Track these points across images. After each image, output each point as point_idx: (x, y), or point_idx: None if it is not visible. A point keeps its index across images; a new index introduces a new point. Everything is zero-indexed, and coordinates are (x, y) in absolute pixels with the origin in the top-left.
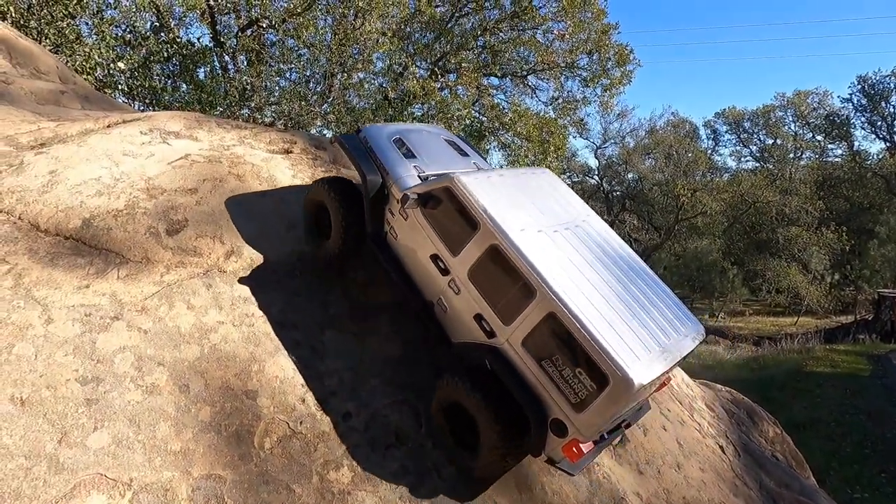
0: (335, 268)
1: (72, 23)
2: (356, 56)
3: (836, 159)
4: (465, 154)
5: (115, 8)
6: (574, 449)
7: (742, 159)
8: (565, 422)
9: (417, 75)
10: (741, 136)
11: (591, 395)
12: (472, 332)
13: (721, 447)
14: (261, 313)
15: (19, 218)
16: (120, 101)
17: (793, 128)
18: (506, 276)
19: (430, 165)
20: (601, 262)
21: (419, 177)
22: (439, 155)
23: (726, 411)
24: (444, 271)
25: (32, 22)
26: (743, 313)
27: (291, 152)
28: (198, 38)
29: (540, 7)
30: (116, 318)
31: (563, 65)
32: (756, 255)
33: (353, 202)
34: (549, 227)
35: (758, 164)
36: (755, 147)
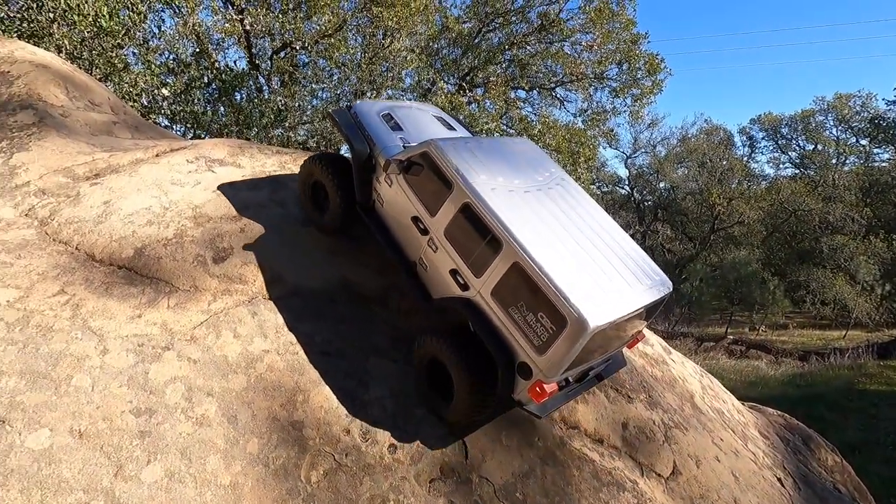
0: (337, 233)
1: (120, 52)
2: (385, 73)
3: (883, 164)
4: (451, 129)
5: (159, 38)
6: (538, 389)
7: (781, 166)
8: (530, 364)
9: (445, 90)
10: (779, 142)
11: (551, 337)
12: (448, 286)
13: (779, 479)
14: (305, 341)
15: (76, 248)
16: (163, 124)
17: (834, 132)
18: (477, 231)
19: (415, 138)
20: (568, 219)
21: (404, 147)
22: (426, 128)
23: (781, 438)
24: (424, 231)
25: (85, 53)
26: (786, 326)
27: None
28: (234, 62)
29: (567, 20)
30: (167, 349)
31: (591, 76)
32: (798, 265)
33: (345, 175)
34: (521, 188)
35: (798, 171)
36: (794, 153)
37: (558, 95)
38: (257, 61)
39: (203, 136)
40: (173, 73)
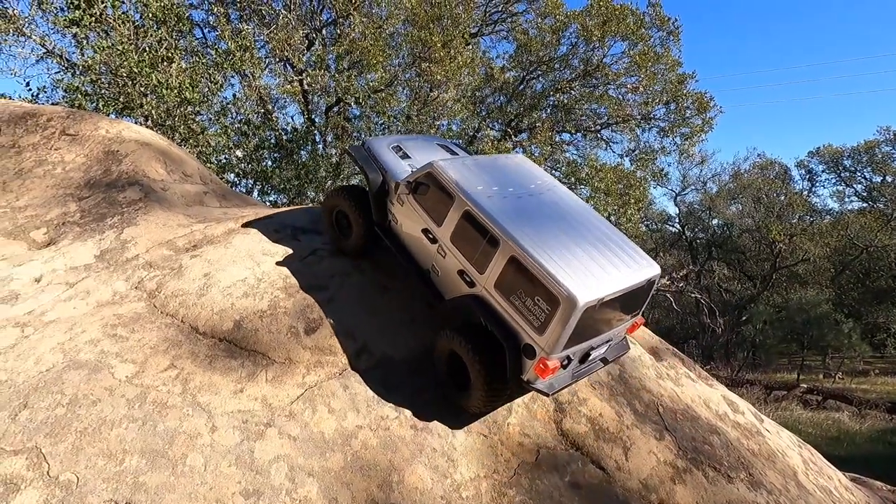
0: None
1: (198, 118)
2: (433, 123)
3: None
4: (453, 153)
5: (231, 103)
6: (542, 366)
7: (846, 200)
8: (532, 344)
9: (491, 136)
10: (842, 174)
11: (548, 317)
12: (457, 286)
13: None
14: (395, 415)
15: (182, 321)
16: (230, 177)
17: None
18: (477, 233)
19: (421, 163)
20: (559, 217)
21: (412, 172)
22: (430, 154)
23: None
24: (433, 240)
25: (168, 121)
26: (866, 373)
27: None
28: (291, 117)
29: (611, 64)
30: (269, 425)
31: (638, 117)
32: (875, 305)
33: (363, 202)
34: (514, 194)
35: (866, 205)
36: (861, 186)
37: (604, 137)
38: (313, 117)
39: (269, 190)
40: (245, 136)
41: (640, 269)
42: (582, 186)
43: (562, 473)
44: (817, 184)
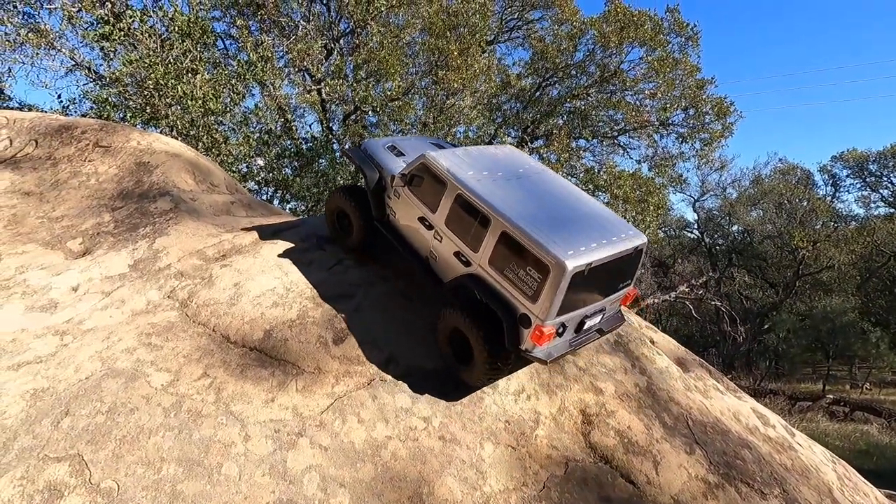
0: (360, 250)
1: (221, 128)
2: (449, 130)
3: None
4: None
5: (254, 114)
6: (538, 333)
7: (872, 205)
8: (527, 313)
9: (507, 143)
10: (867, 179)
11: (539, 285)
12: (454, 268)
13: None
14: (423, 426)
15: (213, 330)
16: (251, 185)
17: None
18: (470, 215)
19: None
20: (547, 195)
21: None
22: (423, 150)
23: None
24: (430, 227)
25: (192, 131)
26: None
27: None
28: (310, 126)
29: (628, 70)
30: (300, 435)
31: (656, 123)
32: None
33: (362, 200)
34: (502, 177)
35: (892, 210)
36: (887, 191)
37: (621, 143)
38: (331, 125)
39: (289, 198)
40: (266, 145)
41: (626, 238)
42: (600, 193)
43: (592, 488)
44: (841, 189)
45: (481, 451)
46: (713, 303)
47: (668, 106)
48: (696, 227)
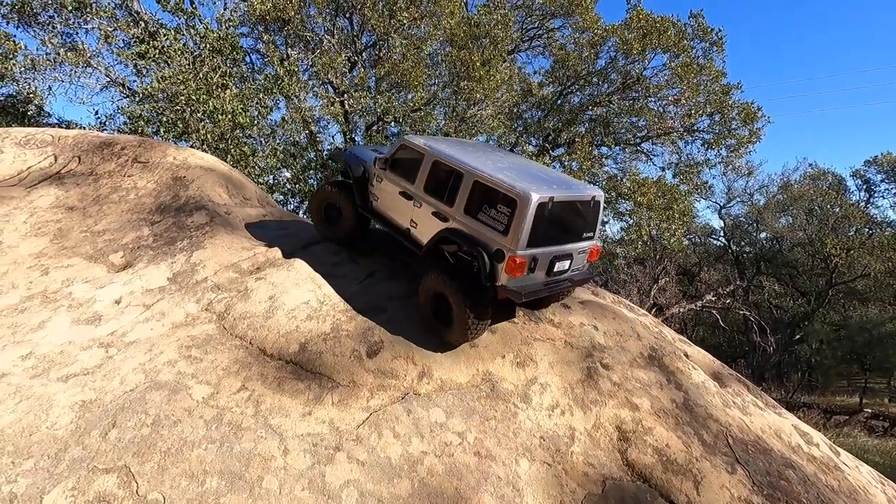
0: (349, 246)
1: (249, 141)
2: (468, 138)
3: None
4: None
5: (281, 127)
6: (511, 263)
7: None
8: (501, 248)
9: (528, 152)
10: None
11: (509, 218)
12: (433, 227)
13: None
14: (458, 441)
15: (250, 343)
16: (278, 197)
17: None
18: (445, 176)
19: None
20: (512, 163)
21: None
22: None
23: None
24: (409, 197)
25: (222, 144)
26: None
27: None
28: (333, 137)
29: (651, 77)
30: (338, 449)
31: (680, 129)
32: None
33: (350, 192)
34: (472, 150)
35: None
36: None
37: (644, 150)
38: (353, 136)
39: None
40: (293, 157)
41: (583, 189)
42: (623, 201)
43: None
44: (876, 194)
45: (517, 467)
46: (741, 312)
47: (692, 112)
48: (722, 234)
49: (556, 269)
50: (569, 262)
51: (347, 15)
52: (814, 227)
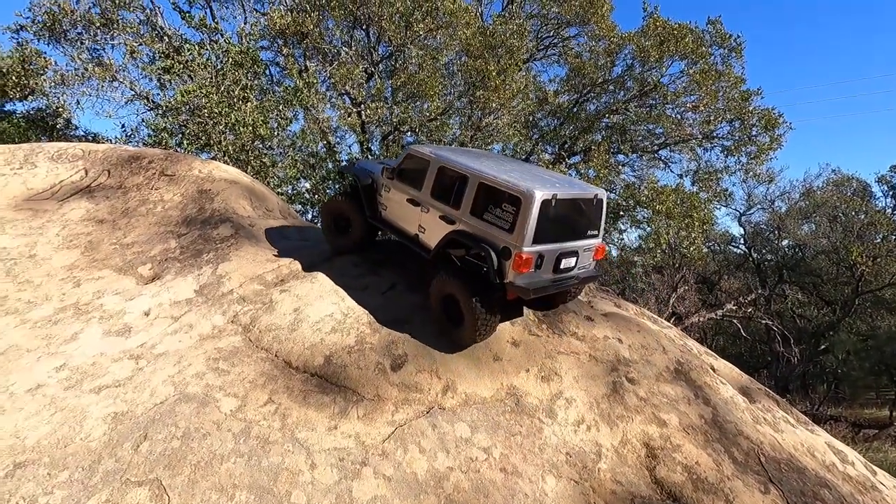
0: (358, 248)
1: (269, 152)
2: (483, 146)
3: None
4: None
5: (301, 139)
6: (517, 259)
7: None
8: (507, 244)
9: (544, 160)
10: None
11: (514, 216)
12: (440, 230)
13: None
14: (483, 456)
15: (276, 355)
16: (297, 207)
17: None
18: (451, 181)
19: None
20: (514, 166)
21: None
22: None
23: None
24: (417, 203)
25: (242, 156)
26: None
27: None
28: (349, 147)
29: (669, 84)
30: (364, 464)
31: (699, 136)
32: None
33: (360, 203)
34: (474, 156)
35: None
36: None
37: (662, 157)
38: (370, 146)
39: None
40: (312, 168)
41: (585, 188)
42: (641, 209)
43: None
44: None
45: (544, 484)
46: (763, 321)
47: (711, 119)
48: (742, 241)
49: (562, 267)
50: (575, 259)
51: (364, 27)
52: (838, 234)
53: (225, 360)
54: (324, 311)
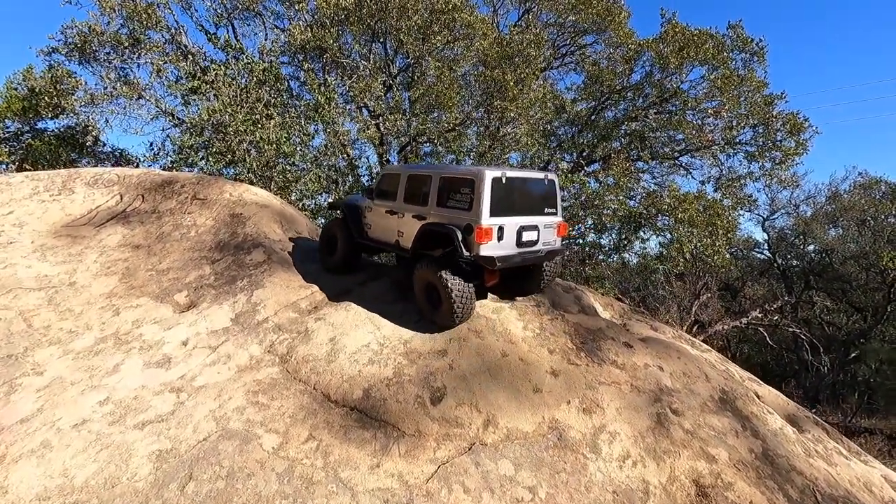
0: (344, 267)
1: (292, 168)
2: (501, 156)
3: None
4: None
5: (323, 154)
6: (479, 231)
7: None
8: (469, 222)
9: (563, 168)
10: None
11: (471, 196)
12: (415, 228)
13: None
14: (529, 496)
15: (314, 388)
16: (320, 221)
17: None
18: (419, 183)
19: None
20: (475, 164)
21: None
22: None
23: None
24: (394, 213)
25: (267, 172)
26: None
27: (515, 299)
28: (368, 158)
29: (689, 90)
30: None
31: (721, 142)
32: None
33: (347, 227)
34: (442, 163)
35: None
36: None
37: (682, 163)
38: (388, 157)
39: None
40: (335, 182)
41: (536, 172)
42: (663, 216)
43: None
44: None
45: None
46: (790, 329)
47: (734, 124)
48: (766, 247)
49: (524, 240)
50: (536, 233)
51: (382, 40)
52: (867, 238)
53: (264, 392)
54: (360, 340)
